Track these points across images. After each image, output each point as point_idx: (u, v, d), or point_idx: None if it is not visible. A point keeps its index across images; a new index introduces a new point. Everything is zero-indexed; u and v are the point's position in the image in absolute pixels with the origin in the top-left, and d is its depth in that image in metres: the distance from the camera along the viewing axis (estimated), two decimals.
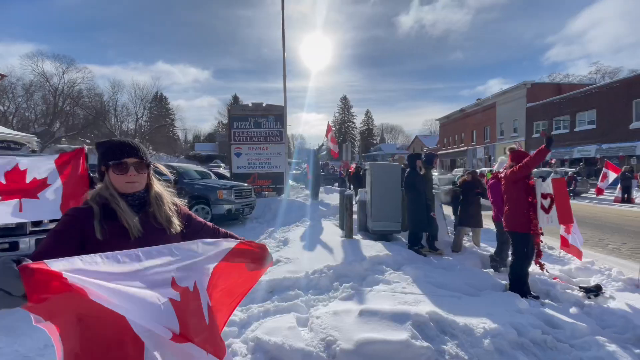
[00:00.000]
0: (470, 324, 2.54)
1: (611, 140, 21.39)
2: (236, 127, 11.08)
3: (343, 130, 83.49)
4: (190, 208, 7.73)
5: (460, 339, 2.41)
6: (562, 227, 3.99)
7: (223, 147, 47.80)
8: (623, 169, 14.57)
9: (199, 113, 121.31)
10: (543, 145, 3.32)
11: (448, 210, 7.68)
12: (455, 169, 31.68)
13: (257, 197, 10.17)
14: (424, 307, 2.84)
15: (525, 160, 3.48)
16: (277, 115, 11.11)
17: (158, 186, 1.29)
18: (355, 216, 6.94)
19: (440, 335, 2.46)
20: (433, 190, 5.77)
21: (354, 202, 7.31)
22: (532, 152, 3.51)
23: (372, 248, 4.93)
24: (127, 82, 51.11)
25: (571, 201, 11.87)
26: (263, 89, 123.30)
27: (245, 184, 8.89)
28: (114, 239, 1.11)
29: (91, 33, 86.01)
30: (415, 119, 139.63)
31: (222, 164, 28.61)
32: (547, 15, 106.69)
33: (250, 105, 11.48)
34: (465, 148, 40.36)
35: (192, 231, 1.37)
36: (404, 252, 4.76)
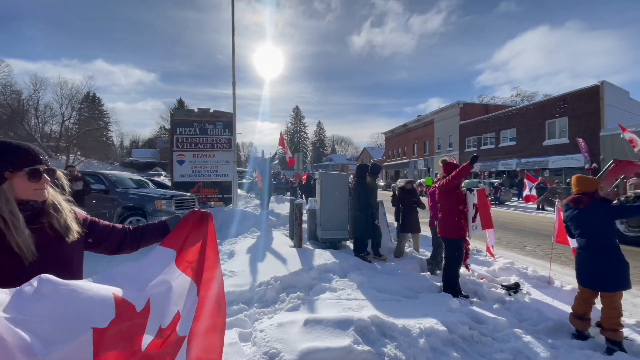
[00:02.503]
0: (408, 325, 2.68)
1: (529, 155, 24.63)
2: (179, 132, 10.46)
3: (295, 140, 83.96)
4: (123, 220, 7.13)
5: (399, 340, 2.52)
6: (487, 231, 4.46)
7: (165, 154, 44.67)
8: (539, 179, 16.88)
9: (140, 117, 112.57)
10: (468, 162, 3.71)
11: (392, 217, 8.09)
12: (399, 179, 33.73)
13: (201, 208, 9.67)
14: (367, 312, 2.92)
15: (452, 173, 3.83)
16: (226, 122, 10.76)
17: (53, 193, 1.17)
18: (305, 225, 6.96)
19: (380, 338, 2.55)
20: (377, 199, 6.03)
21: (303, 211, 7.32)
22: (461, 166, 3.89)
23: (320, 256, 4.96)
24: (55, 79, 45.45)
25: (496, 208, 13.27)
26: (213, 95, 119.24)
27: (188, 194, 8.39)
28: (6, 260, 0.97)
29: (12, 23, 75.29)
30: (363, 131, 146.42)
31: (163, 172, 26.68)
32: (478, 45, 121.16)
33: (196, 110, 10.95)
34: (407, 160, 43.18)
35: (98, 237, 1.28)
36: (350, 260, 4.87)
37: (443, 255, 4.00)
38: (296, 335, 2.53)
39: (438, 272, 4.71)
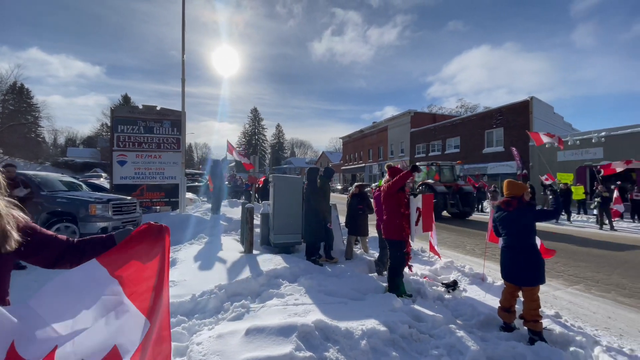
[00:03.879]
0: (351, 328, 2.70)
1: (470, 162, 26.79)
2: (121, 130, 9.62)
3: (253, 142, 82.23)
4: (49, 226, 6.32)
5: (341, 343, 2.52)
6: (429, 233, 4.72)
7: (106, 153, 40.91)
8: (479, 184, 18.44)
9: (80, 113, 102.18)
10: (408, 170, 3.90)
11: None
12: (355, 183, 34.71)
13: (145, 212, 8.96)
14: (312, 316, 2.90)
15: (394, 179, 4.00)
16: (174, 120, 10.14)
17: None
18: (258, 230, 6.78)
19: (324, 342, 2.53)
20: (330, 202, 6.09)
21: (256, 215, 7.11)
22: (402, 173, 4.07)
23: (270, 262, 4.85)
24: None
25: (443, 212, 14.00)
26: (164, 92, 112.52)
27: (129, 198, 7.72)
28: None
29: None
30: (322, 135, 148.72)
31: (103, 174, 24.40)
32: (429, 59, 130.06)
33: (140, 107, 10.17)
34: (363, 164, 44.57)
35: (35, 246, 1.11)
36: (301, 264, 4.82)
37: (388, 257, 4.14)
38: (236, 346, 2.41)
39: (385, 272, 4.86)
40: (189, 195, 12.69)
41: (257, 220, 7.17)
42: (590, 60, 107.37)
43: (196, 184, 16.95)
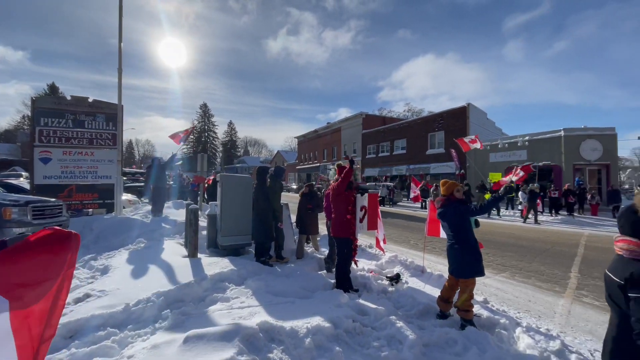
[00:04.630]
0: (297, 327, 2.70)
1: (416, 162, 28.58)
2: (44, 124, 8.47)
3: (203, 139, 78.26)
4: None
5: (286, 343, 2.51)
6: (375, 230, 4.92)
7: (28, 150, 35.90)
8: (422, 183, 19.72)
9: None
10: (348, 166, 4.04)
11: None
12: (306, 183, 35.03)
13: (74, 216, 8.02)
14: (257, 318, 2.84)
15: (341, 178, 4.11)
16: (110, 114, 9.21)
17: None
18: (205, 232, 6.46)
19: (268, 344, 2.49)
20: (281, 202, 6.03)
21: (202, 217, 6.77)
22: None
23: (216, 265, 4.65)
24: None
25: (390, 208, 14.92)
26: (101, 83, 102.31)
27: (53, 200, 6.84)
28: None
29: None
30: (277, 134, 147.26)
31: (24, 173, 21.35)
32: (380, 64, 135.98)
33: (69, 98, 9.06)
34: (318, 164, 45.06)
35: None
36: (250, 266, 4.70)
37: (336, 254, 4.22)
38: (172, 356, 2.26)
39: (334, 269, 4.95)
40: (128, 196, 11.66)
41: (204, 222, 6.84)
42: (519, 72, 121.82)
43: (136, 184, 15.63)
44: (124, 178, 12.58)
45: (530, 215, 13.40)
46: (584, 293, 4.82)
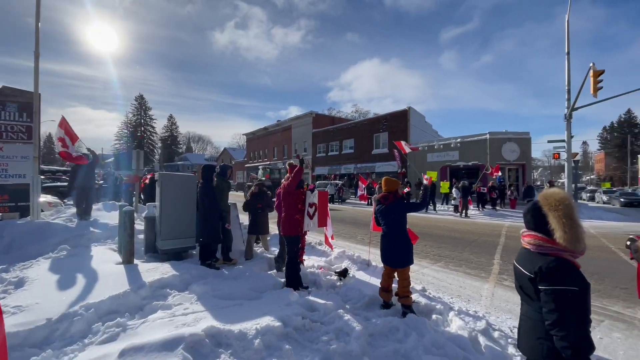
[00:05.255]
0: (245, 329, 2.65)
1: (362, 161, 29.76)
2: None
3: (139, 134, 71.59)
4: None
5: (234, 346, 2.45)
6: (324, 228, 5.03)
7: None
8: (368, 181, 20.64)
9: None
10: (298, 166, 4.10)
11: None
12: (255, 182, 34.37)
13: None
14: (203, 324, 2.72)
15: (291, 177, 4.14)
16: (24, 103, 7.94)
17: None
18: (142, 236, 5.96)
19: (215, 349, 2.41)
20: (229, 201, 5.82)
21: (138, 219, 6.23)
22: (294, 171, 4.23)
23: (156, 271, 4.32)
24: None
25: (338, 205, 15.40)
26: (13, 67, 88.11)
27: None
28: None
29: None
30: (224, 131, 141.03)
31: None
32: (329, 65, 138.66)
33: None
34: (268, 162, 44.38)
35: None
36: (194, 270, 4.46)
37: (286, 252, 4.23)
38: None
39: (284, 268, 4.95)
40: (48, 198, 10.22)
41: (140, 225, 6.31)
42: (453, 80, 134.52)
43: (58, 184, 13.75)
44: (42, 177, 11.00)
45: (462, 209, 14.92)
46: (504, 277, 5.51)
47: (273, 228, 6.43)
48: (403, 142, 16.66)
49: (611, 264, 6.29)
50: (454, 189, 16.42)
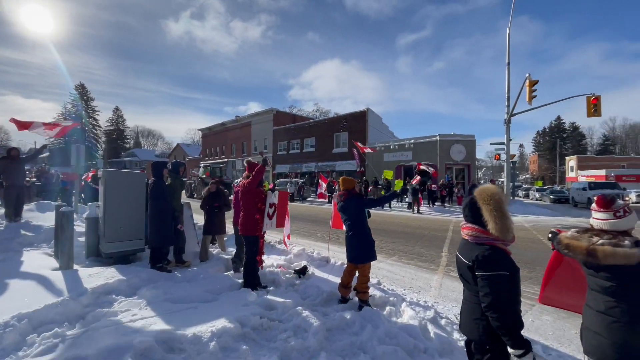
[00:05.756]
0: (200, 332, 2.57)
1: (323, 160, 30.10)
2: None
3: (79, 127, 64.85)
4: None
5: (188, 351, 2.36)
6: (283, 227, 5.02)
7: None
8: (329, 180, 20.94)
9: None
10: (261, 164, 4.05)
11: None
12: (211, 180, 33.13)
13: None
14: (153, 329, 2.58)
15: (252, 175, 4.08)
16: None
17: None
18: (83, 238, 5.46)
19: (167, 355, 2.30)
20: (182, 201, 5.55)
21: (78, 221, 5.71)
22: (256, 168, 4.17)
23: (99, 276, 4.00)
24: None
25: (300, 203, 15.44)
26: None
27: None
28: None
29: None
30: (177, 125, 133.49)
31: None
32: (291, 63, 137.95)
33: None
34: (226, 159, 42.94)
35: None
36: (143, 273, 4.20)
37: (244, 252, 4.15)
38: None
39: (242, 269, 4.85)
40: None
41: (81, 227, 5.78)
42: (408, 84, 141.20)
43: None
44: None
45: (416, 207, 15.80)
46: (451, 268, 5.96)
47: (229, 228, 6.27)
48: (360, 144, 17.43)
49: (542, 254, 7.10)
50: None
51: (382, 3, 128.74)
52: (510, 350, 1.63)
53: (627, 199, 22.09)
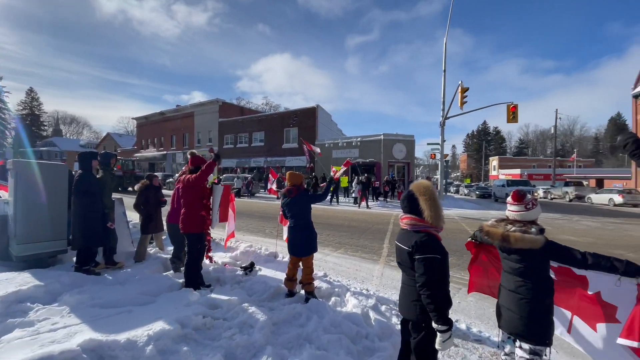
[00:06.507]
0: (134, 337, 2.39)
1: (273, 155, 29.68)
2: None
3: None
4: None
5: (121, 358, 2.18)
6: (227, 223, 4.87)
7: None
8: (279, 175, 20.77)
9: None
10: (212, 160, 3.88)
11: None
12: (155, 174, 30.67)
13: None
14: (79, 338, 2.33)
15: (201, 171, 3.87)
16: None
17: None
18: None
19: None
20: (113, 196, 5.04)
21: None
22: (206, 164, 3.96)
23: (10, 283, 3.46)
24: None
25: (248, 199, 15.07)
26: None
27: None
28: None
29: None
30: (108, 112, 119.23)
31: None
32: (239, 54, 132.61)
33: None
34: (165, 152, 39.91)
35: None
36: (65, 277, 3.74)
37: (186, 250, 3.93)
38: None
39: (182, 268, 4.60)
40: None
41: None
42: (356, 84, 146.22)
43: None
44: None
45: (360, 201, 16.52)
46: (391, 259, 6.38)
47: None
48: (308, 143, 17.93)
49: None
50: (354, 183, 17.99)
51: (333, 3, 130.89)
52: (434, 325, 1.84)
53: (535, 194, 25.86)
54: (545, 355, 1.99)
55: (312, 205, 4.00)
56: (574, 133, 70.90)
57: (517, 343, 1.96)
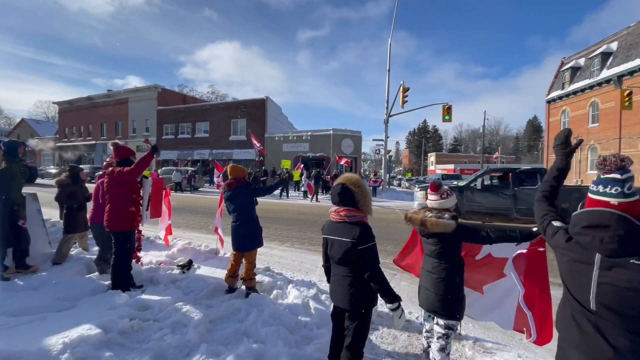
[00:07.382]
0: (48, 345, 2.15)
1: (219, 147, 28.42)
2: None
3: None
4: None
5: None
6: (160, 218, 4.59)
7: None
8: (225, 168, 20.01)
9: None
10: (149, 152, 3.60)
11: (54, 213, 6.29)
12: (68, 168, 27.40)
13: None
14: None
15: (136, 165, 3.56)
16: None
17: None
18: None
19: None
20: (23, 191, 4.40)
21: None
22: (142, 156, 3.64)
23: None
24: None
25: (190, 194, 14.29)
26: None
27: None
28: None
29: None
30: (24, 95, 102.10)
31: None
32: (182, 38, 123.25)
33: None
34: (94, 142, 35.84)
35: None
36: None
37: (113, 251, 3.61)
38: None
39: (109, 270, 4.22)
40: None
41: None
42: (307, 79, 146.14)
43: None
44: None
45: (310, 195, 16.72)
46: None
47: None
48: (254, 141, 17.95)
49: (406, 233, 8.57)
50: (303, 177, 18.11)
51: None
52: (387, 305, 1.99)
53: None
54: (457, 329, 2.27)
55: (261, 200, 3.93)
56: (499, 132, 79.91)
57: (434, 320, 2.20)
